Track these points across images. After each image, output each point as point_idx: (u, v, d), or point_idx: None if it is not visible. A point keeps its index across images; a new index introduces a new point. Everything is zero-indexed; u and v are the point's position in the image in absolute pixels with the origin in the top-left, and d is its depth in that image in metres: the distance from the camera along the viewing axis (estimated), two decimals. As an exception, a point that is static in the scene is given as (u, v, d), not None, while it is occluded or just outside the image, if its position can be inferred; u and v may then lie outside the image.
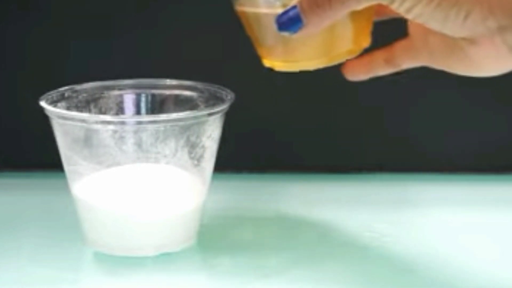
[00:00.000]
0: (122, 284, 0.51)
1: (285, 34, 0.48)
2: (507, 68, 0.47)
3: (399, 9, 0.46)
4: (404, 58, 0.53)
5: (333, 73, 0.65)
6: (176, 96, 0.58)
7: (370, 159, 0.69)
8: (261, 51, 0.52)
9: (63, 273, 0.52)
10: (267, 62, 0.52)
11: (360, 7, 0.47)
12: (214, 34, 0.65)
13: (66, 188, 0.55)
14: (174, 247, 0.54)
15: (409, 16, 0.46)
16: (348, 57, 0.52)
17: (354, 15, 0.49)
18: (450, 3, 0.44)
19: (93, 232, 0.54)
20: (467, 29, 0.45)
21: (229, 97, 0.55)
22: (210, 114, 0.53)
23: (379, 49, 0.54)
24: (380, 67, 0.54)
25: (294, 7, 0.47)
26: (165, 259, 0.53)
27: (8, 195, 0.64)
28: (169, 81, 0.59)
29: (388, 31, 0.52)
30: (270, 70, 0.52)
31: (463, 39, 0.46)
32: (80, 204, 0.54)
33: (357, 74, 0.55)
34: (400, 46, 0.53)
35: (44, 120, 0.54)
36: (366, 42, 0.52)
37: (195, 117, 0.52)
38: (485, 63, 0.47)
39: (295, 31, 0.48)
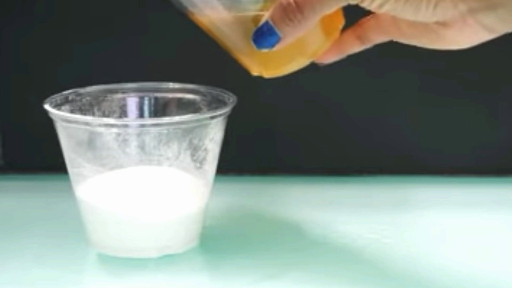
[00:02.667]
0: (125, 285, 0.51)
1: (264, 50, 0.48)
2: (479, 41, 0.47)
3: (370, 6, 0.46)
4: (376, 35, 0.52)
5: (334, 76, 0.66)
6: (179, 99, 0.58)
7: (370, 162, 0.69)
8: (244, 63, 0.52)
9: (66, 274, 0.52)
10: (254, 71, 0.53)
11: (331, 10, 0.47)
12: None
13: (70, 190, 0.55)
14: (177, 249, 0.54)
15: (381, 12, 0.46)
16: (331, 43, 0.51)
17: None
18: None
19: (96, 233, 0.54)
20: (439, 15, 0.45)
21: (231, 100, 0.55)
22: (212, 117, 0.53)
23: (349, 28, 0.53)
24: (353, 45, 0.53)
25: (266, 22, 0.47)
26: (168, 260, 0.53)
27: (13, 197, 0.64)
28: (172, 85, 0.59)
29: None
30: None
31: (436, 22, 0.47)
32: (83, 206, 0.54)
33: (329, 57, 0.53)
34: (370, 24, 0.52)
35: (48, 123, 0.54)
36: (340, 23, 0.52)
37: (197, 120, 0.53)
38: (458, 40, 0.47)
39: (273, 45, 0.48)
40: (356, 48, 0.53)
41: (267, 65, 0.51)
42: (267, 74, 0.52)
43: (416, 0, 0.45)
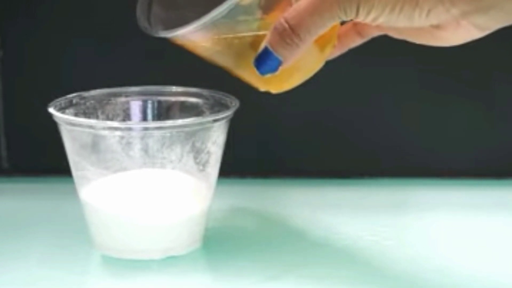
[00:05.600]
0: (129, 286, 0.51)
1: (268, 75, 0.49)
2: (472, 38, 0.48)
3: (365, 20, 0.46)
4: (373, 30, 0.53)
5: (336, 80, 0.66)
6: (182, 102, 0.59)
7: (371, 165, 0.69)
8: (249, 82, 0.52)
9: (71, 275, 0.52)
10: (261, 88, 0.53)
11: (327, 29, 0.47)
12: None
13: (74, 192, 0.56)
14: (180, 251, 0.55)
15: (375, 24, 0.47)
16: (332, 50, 0.52)
17: None
18: (411, 6, 0.45)
19: (100, 235, 0.55)
20: (433, 20, 0.46)
21: (233, 104, 0.55)
22: (215, 121, 0.53)
23: (348, 24, 0.54)
24: (354, 40, 0.54)
25: (265, 48, 0.48)
26: (171, 262, 0.54)
27: (18, 200, 0.65)
28: (175, 88, 0.59)
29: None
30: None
31: (430, 25, 0.47)
32: (87, 208, 0.55)
33: (332, 53, 0.54)
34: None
35: (52, 126, 0.55)
36: (336, 28, 0.52)
37: (200, 123, 0.53)
38: (452, 38, 0.48)
39: (275, 70, 0.48)
40: (356, 42, 0.54)
41: (270, 84, 0.52)
42: (275, 90, 0.53)
43: (409, 10, 0.45)
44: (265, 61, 0.48)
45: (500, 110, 0.68)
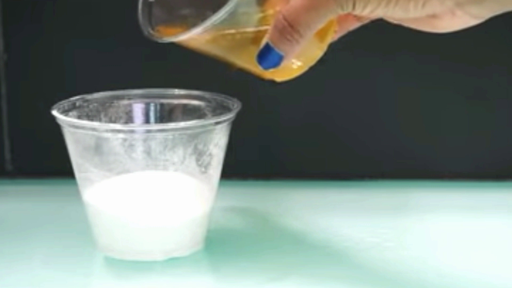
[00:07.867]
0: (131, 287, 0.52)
1: (271, 70, 0.49)
2: (467, 25, 0.48)
3: (361, 14, 0.47)
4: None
5: (336, 83, 0.66)
6: (184, 105, 0.59)
7: (371, 167, 0.69)
8: (252, 72, 0.52)
9: (74, 276, 0.53)
10: (265, 77, 0.53)
11: (325, 23, 0.48)
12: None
13: (77, 194, 0.56)
14: (182, 252, 0.55)
15: (372, 16, 0.47)
16: (333, 36, 0.52)
17: None
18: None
19: (103, 237, 0.55)
20: (428, 11, 0.46)
21: (235, 106, 0.55)
22: (217, 123, 0.54)
23: None
24: (352, 23, 0.54)
25: (266, 44, 0.48)
26: (173, 263, 0.54)
27: (21, 202, 0.65)
28: (177, 91, 0.59)
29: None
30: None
31: (426, 15, 0.48)
32: (91, 210, 0.55)
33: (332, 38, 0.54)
34: None
35: (56, 129, 0.55)
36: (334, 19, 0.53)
37: (202, 126, 0.53)
38: (447, 26, 0.48)
39: (277, 64, 0.49)
40: (355, 25, 0.54)
41: (274, 74, 0.52)
42: (278, 79, 0.53)
43: (404, 3, 0.46)
44: (267, 57, 0.48)
45: (500, 113, 0.69)
